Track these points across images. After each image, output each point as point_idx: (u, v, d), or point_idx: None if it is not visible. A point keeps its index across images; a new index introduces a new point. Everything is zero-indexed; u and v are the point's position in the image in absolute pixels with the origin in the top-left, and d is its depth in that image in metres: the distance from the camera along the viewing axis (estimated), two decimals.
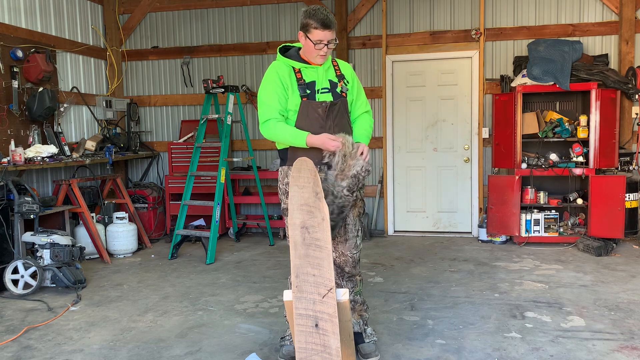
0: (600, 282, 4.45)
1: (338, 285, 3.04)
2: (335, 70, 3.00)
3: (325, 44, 2.81)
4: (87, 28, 6.70)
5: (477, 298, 4.12)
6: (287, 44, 3.04)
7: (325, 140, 2.73)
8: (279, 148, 3.03)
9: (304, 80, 2.88)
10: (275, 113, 2.84)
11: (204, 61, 7.08)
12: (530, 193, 5.83)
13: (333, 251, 2.99)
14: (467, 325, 3.56)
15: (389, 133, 6.63)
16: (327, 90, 2.92)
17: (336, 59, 3.07)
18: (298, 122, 2.87)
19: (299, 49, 2.97)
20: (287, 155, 2.94)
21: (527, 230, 5.79)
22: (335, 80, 2.96)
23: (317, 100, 2.89)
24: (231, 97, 5.82)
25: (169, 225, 6.59)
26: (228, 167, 5.82)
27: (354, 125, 3.06)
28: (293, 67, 2.90)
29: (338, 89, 2.95)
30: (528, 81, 5.72)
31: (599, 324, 3.53)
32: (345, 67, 3.05)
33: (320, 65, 2.92)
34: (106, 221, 5.99)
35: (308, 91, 2.88)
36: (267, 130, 2.86)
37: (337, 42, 2.88)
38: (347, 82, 3.00)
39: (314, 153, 2.80)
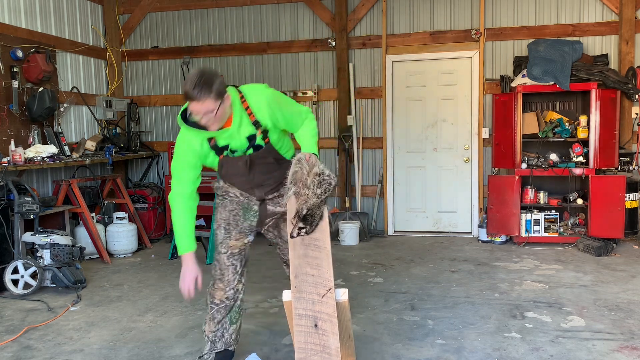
0: (600, 282, 4.45)
1: None
2: (250, 117, 2.59)
3: (202, 115, 2.43)
4: (87, 28, 6.70)
5: (477, 298, 4.11)
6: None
7: (182, 276, 2.66)
8: None
9: (217, 145, 2.64)
10: (180, 186, 2.65)
11: (204, 61, 7.08)
12: (530, 193, 5.83)
13: (282, 256, 3.06)
14: (467, 325, 3.56)
15: (389, 133, 6.63)
16: (245, 147, 2.66)
17: (246, 98, 2.59)
18: (221, 172, 2.77)
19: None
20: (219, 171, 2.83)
21: (527, 230, 5.79)
22: (253, 131, 2.61)
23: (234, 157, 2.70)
24: None
25: (169, 225, 6.59)
26: None
27: (297, 139, 2.78)
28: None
29: (258, 141, 2.64)
30: (528, 81, 5.72)
31: (599, 324, 3.53)
32: (257, 105, 2.59)
33: (223, 128, 2.56)
34: (106, 221, 5.99)
35: (225, 152, 2.68)
36: (170, 204, 2.71)
37: (218, 111, 2.42)
38: (263, 124, 2.61)
39: (242, 189, 2.80)
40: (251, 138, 2.63)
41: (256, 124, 2.60)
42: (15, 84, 5.31)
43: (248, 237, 2.90)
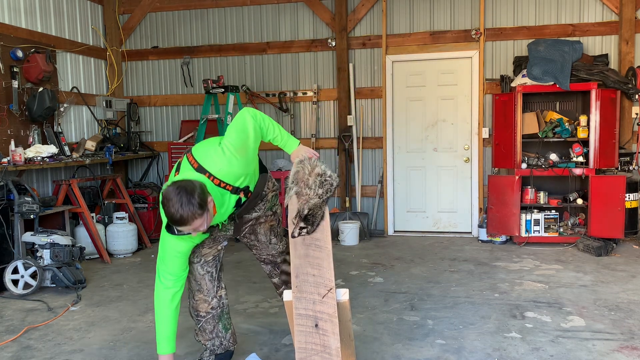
0: (600, 282, 4.45)
1: (277, 275, 3.12)
2: (227, 188, 2.52)
3: (192, 232, 2.38)
4: (87, 28, 6.70)
5: (477, 298, 4.12)
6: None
7: None
8: None
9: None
10: (170, 279, 2.58)
11: (204, 61, 7.08)
12: (530, 193, 5.83)
13: (259, 256, 3.08)
14: (467, 325, 3.56)
15: (389, 133, 6.63)
16: (232, 212, 2.66)
17: (214, 175, 2.47)
18: None
19: None
20: None
21: (527, 230, 5.79)
22: (236, 197, 2.59)
23: (222, 229, 2.76)
24: (231, 97, 5.82)
25: None
26: None
27: (273, 143, 2.71)
28: None
29: (243, 200, 2.64)
30: (528, 81, 5.72)
31: (599, 324, 3.53)
32: (227, 174, 2.48)
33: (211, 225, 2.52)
34: (106, 221, 5.99)
35: (212, 231, 2.72)
36: (156, 298, 2.62)
37: (208, 220, 2.33)
38: (247, 184, 2.60)
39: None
40: (237, 203, 2.63)
41: (236, 190, 2.55)
42: (15, 84, 5.31)
43: (222, 243, 2.87)
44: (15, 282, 4.52)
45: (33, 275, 4.53)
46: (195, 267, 2.79)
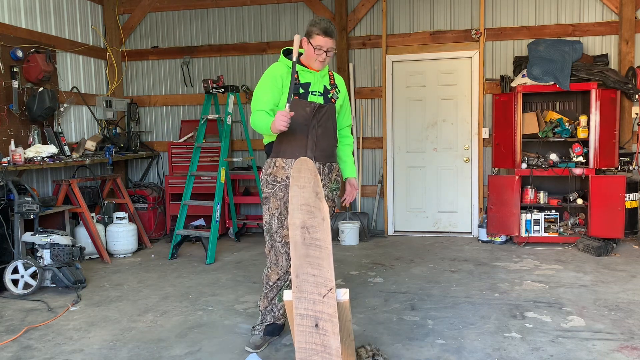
0: (600, 282, 4.45)
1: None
2: (330, 79, 3.25)
3: (325, 51, 3.04)
4: (87, 28, 6.70)
5: (477, 298, 4.12)
6: (290, 47, 3.15)
7: (276, 118, 2.84)
8: (265, 143, 3.25)
9: (299, 80, 3.08)
10: (264, 106, 3.05)
11: (204, 61, 7.08)
12: (530, 193, 5.83)
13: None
14: (467, 325, 3.56)
15: (389, 133, 6.63)
16: (319, 94, 3.14)
17: (332, 72, 3.32)
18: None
19: (301, 54, 3.17)
20: (272, 148, 3.15)
21: (527, 230, 5.79)
22: (329, 87, 3.21)
23: (308, 100, 3.10)
24: (231, 97, 5.82)
25: (169, 225, 6.59)
26: (228, 167, 5.82)
27: (340, 142, 3.35)
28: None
29: (329, 95, 3.19)
30: (528, 81, 5.72)
31: (599, 324, 3.53)
32: (339, 79, 3.32)
33: (318, 71, 3.14)
34: (106, 221, 5.98)
35: (301, 90, 3.07)
36: (253, 119, 3.06)
37: (336, 51, 3.11)
38: (339, 91, 3.26)
39: (296, 144, 3.07)
40: (326, 90, 3.18)
41: (333, 85, 3.24)
42: (15, 84, 5.31)
43: None
44: (15, 282, 4.52)
45: (33, 275, 4.53)
46: (277, 246, 3.20)
